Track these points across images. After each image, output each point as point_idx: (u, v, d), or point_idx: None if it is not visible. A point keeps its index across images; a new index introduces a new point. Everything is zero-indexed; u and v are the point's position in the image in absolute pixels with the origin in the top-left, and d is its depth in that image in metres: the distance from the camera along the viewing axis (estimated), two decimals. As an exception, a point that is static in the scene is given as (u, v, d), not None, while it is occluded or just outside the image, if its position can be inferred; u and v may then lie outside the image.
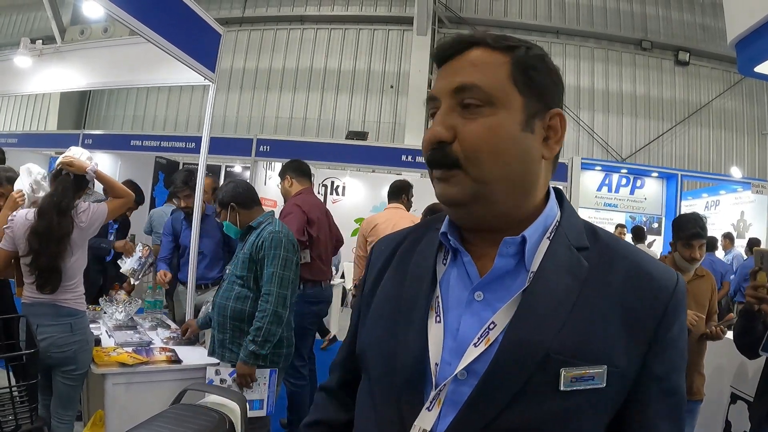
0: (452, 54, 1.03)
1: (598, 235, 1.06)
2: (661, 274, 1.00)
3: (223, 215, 3.66)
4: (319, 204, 4.85)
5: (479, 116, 0.97)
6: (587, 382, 0.90)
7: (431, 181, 1.04)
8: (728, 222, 11.17)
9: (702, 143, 14.54)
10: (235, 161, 11.82)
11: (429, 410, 0.94)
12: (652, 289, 0.97)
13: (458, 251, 1.04)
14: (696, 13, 14.67)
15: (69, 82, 5.77)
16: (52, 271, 3.21)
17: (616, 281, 0.97)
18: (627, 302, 0.95)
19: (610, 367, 0.91)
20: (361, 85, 15.08)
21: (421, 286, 1.04)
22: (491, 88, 0.97)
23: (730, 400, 3.80)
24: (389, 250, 1.19)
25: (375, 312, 1.11)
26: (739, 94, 14.63)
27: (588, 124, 14.25)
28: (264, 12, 15.85)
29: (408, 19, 14.54)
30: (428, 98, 1.05)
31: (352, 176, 10.75)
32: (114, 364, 3.26)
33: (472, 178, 0.97)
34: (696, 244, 3.48)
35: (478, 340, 0.94)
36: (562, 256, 0.99)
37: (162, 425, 2.09)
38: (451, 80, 1.00)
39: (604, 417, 0.95)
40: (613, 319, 0.94)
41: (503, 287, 0.98)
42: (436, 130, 0.98)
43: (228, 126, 15.04)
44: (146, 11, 3.55)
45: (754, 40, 2.94)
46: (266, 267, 3.41)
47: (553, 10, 14.75)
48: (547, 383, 0.89)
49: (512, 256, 0.99)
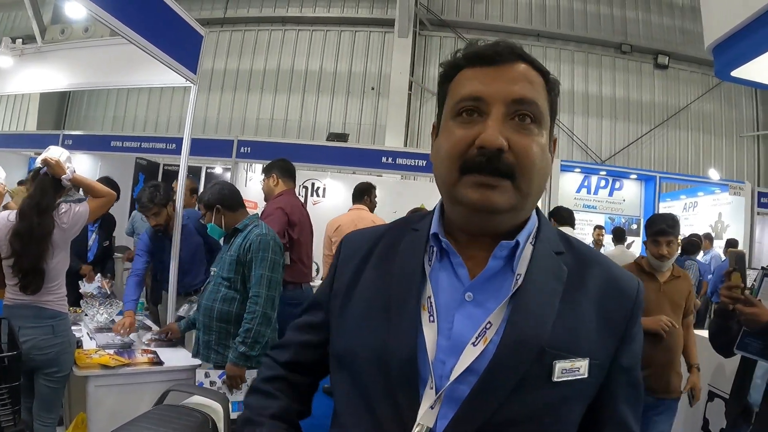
0: (499, 60, 1.05)
1: (571, 242, 1.16)
2: (628, 278, 1.13)
3: (209, 217, 3.66)
4: (300, 206, 4.85)
5: (532, 133, 1.02)
6: (574, 373, 0.99)
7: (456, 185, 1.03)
8: (706, 223, 11.28)
9: (680, 146, 14.68)
10: (215, 162, 11.76)
11: (432, 408, 0.97)
12: (622, 291, 1.10)
13: (447, 252, 1.07)
14: (675, 17, 14.80)
15: (50, 83, 5.74)
16: (35, 272, 3.20)
17: (594, 284, 1.08)
18: (603, 302, 1.07)
19: (591, 360, 1.02)
20: (342, 87, 15.05)
21: (410, 285, 1.06)
22: (543, 108, 1.05)
23: (708, 397, 3.86)
24: (365, 248, 1.21)
25: (358, 311, 1.12)
26: (718, 98, 14.79)
27: (568, 127, 14.34)
28: (246, 13, 15.78)
29: (389, 22, 14.55)
30: (471, 97, 1.03)
31: (332, 177, 10.72)
32: (96, 366, 3.25)
33: (519, 190, 1.01)
34: (662, 241, 3.48)
35: (476, 339, 0.99)
36: (545, 260, 1.07)
37: (145, 426, 2.09)
38: (509, 89, 1.02)
39: (585, 404, 1.05)
40: (592, 317, 1.05)
41: (493, 288, 1.04)
42: (497, 136, 0.98)
43: (209, 127, 14.97)
44: (127, 11, 3.54)
45: (731, 45, 2.97)
46: (254, 269, 3.43)
47: (534, 13, 14.81)
48: (542, 375, 0.98)
49: (502, 258, 1.05)
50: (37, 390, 3.30)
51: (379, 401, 1.01)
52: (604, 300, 1.07)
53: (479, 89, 1.03)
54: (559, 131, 14.30)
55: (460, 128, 1.03)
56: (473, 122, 1.02)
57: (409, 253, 1.12)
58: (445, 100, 1.12)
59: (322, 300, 1.25)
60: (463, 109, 1.04)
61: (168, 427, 2.07)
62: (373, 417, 1.02)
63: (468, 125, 1.02)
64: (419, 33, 14.69)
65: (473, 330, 1.00)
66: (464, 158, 1.01)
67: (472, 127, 1.02)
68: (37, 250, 3.20)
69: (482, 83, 1.03)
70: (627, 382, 1.10)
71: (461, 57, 1.10)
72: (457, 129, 1.04)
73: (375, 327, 1.06)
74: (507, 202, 1.01)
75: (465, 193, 1.01)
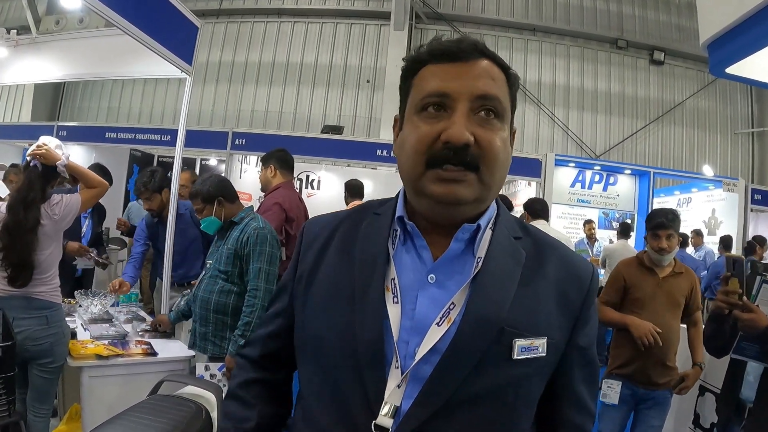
0: (463, 57, 1.08)
1: (527, 228, 1.21)
2: (583, 263, 1.19)
3: (208, 210, 3.62)
4: (298, 200, 4.83)
5: (495, 128, 1.06)
6: (533, 351, 1.05)
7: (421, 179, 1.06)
8: (700, 219, 11.32)
9: (675, 141, 14.73)
10: (210, 154, 11.74)
11: (399, 387, 1.00)
12: (578, 275, 1.16)
13: (410, 235, 1.11)
14: (672, 14, 14.83)
15: (45, 74, 5.73)
16: (23, 266, 3.19)
17: (551, 268, 1.13)
18: (560, 285, 1.12)
19: (549, 339, 1.07)
20: (337, 80, 15.03)
21: (374, 267, 1.09)
22: (505, 103, 1.09)
23: (699, 392, 3.89)
24: (326, 232, 1.23)
25: (322, 295, 1.14)
26: (713, 94, 14.83)
27: (563, 121, 14.37)
28: (241, 4, 15.73)
29: (385, 14, 14.54)
30: (436, 92, 1.06)
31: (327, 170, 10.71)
32: (90, 357, 3.25)
33: (482, 182, 1.06)
34: (662, 234, 3.46)
35: (440, 319, 1.03)
36: (504, 243, 1.12)
37: (139, 416, 2.10)
38: (473, 85, 1.05)
39: (544, 381, 1.11)
40: (550, 299, 1.10)
41: (455, 270, 1.08)
42: (464, 132, 1.02)
43: (203, 119, 14.94)
44: (123, 3, 3.52)
45: (726, 42, 2.99)
46: (252, 263, 3.43)
47: (530, 7, 14.81)
48: (502, 354, 1.02)
49: (464, 241, 1.10)
50: (31, 381, 3.29)
51: (346, 382, 1.03)
52: (561, 283, 1.12)
53: (444, 85, 1.05)
54: (554, 126, 14.34)
55: (426, 123, 1.06)
56: (438, 117, 1.05)
57: (372, 236, 1.15)
58: (408, 94, 1.14)
59: (287, 286, 1.27)
60: (429, 105, 1.06)
61: (162, 417, 2.08)
62: (340, 398, 1.04)
63: (433, 120, 1.05)
64: (415, 26, 14.68)
65: (436, 311, 1.04)
66: (430, 152, 1.04)
67: (437, 122, 1.05)
68: (24, 244, 3.19)
69: (447, 79, 1.06)
70: (582, 361, 1.15)
71: (425, 52, 1.12)
72: (423, 124, 1.06)
73: (340, 309, 1.09)
74: (471, 195, 1.05)
75: (430, 186, 1.04)
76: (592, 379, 1.19)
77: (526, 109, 14.39)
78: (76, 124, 12.30)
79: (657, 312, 3.46)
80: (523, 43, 14.80)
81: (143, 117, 15.91)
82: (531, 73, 14.60)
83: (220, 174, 6.00)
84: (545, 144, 14.20)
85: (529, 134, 14.42)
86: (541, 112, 14.43)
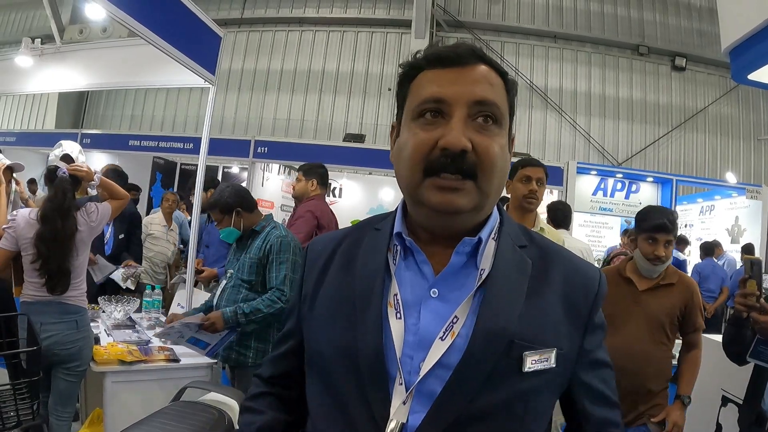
0: (460, 62, 1.07)
1: (532, 235, 1.20)
2: (590, 269, 1.18)
3: (226, 221, 3.64)
4: (329, 212, 4.98)
5: (493, 134, 1.05)
6: (543, 363, 1.03)
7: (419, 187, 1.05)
8: (723, 227, 11.22)
9: (698, 148, 14.58)
10: (232, 162, 11.83)
11: (404, 404, 1.00)
12: (585, 283, 1.14)
13: (411, 250, 1.10)
14: (693, 19, 14.71)
15: (69, 83, 5.82)
16: (63, 273, 3.29)
17: (557, 276, 1.12)
18: (567, 294, 1.11)
19: (558, 350, 1.06)
20: (358, 88, 15.07)
21: (374, 283, 1.09)
22: (503, 109, 1.08)
23: (722, 402, 3.84)
24: (328, 251, 1.23)
25: (324, 312, 1.15)
26: (735, 100, 14.67)
27: (584, 129, 14.29)
28: (263, 13, 15.83)
29: (406, 23, 14.52)
30: (433, 98, 1.04)
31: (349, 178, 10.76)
32: (114, 362, 3.29)
33: (480, 190, 1.04)
34: (661, 239, 2.98)
35: (444, 333, 1.02)
36: (509, 254, 1.10)
37: (162, 422, 2.12)
38: (470, 90, 1.04)
39: (555, 393, 1.11)
40: (557, 309, 1.09)
41: (457, 284, 1.07)
42: (462, 138, 1.01)
43: (226, 127, 15.02)
44: (146, 13, 3.58)
45: (747, 48, 2.98)
46: (277, 270, 3.46)
47: (551, 14, 14.77)
48: (512, 367, 1.01)
49: (465, 254, 1.08)
50: (55, 385, 3.35)
51: (351, 399, 1.03)
52: (568, 291, 1.11)
53: (441, 91, 1.04)
54: (576, 133, 14.28)
55: (423, 130, 1.05)
56: (435, 124, 1.04)
57: (372, 252, 1.14)
58: (405, 101, 1.13)
59: (294, 306, 1.29)
60: (426, 111, 1.05)
61: (184, 423, 2.10)
62: (346, 416, 1.04)
63: (430, 127, 1.04)
64: (436, 34, 14.64)
65: (439, 325, 1.03)
66: (428, 160, 1.03)
67: (434, 128, 1.04)
68: (62, 252, 3.28)
69: (444, 85, 1.05)
70: (596, 365, 1.15)
71: (422, 58, 1.11)
72: (420, 131, 1.05)
73: (341, 326, 1.09)
74: (470, 203, 1.04)
75: (428, 195, 1.04)
76: (609, 378, 1.18)
77: (547, 117, 14.37)
78: (99, 131, 12.45)
79: (632, 334, 2.99)
80: (544, 51, 14.75)
81: (166, 125, 16.05)
82: (552, 81, 14.56)
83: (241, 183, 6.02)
84: (567, 152, 14.13)
85: (550, 142, 14.38)
86: (563, 120, 14.36)
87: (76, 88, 6.61)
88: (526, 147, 13.51)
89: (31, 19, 16.39)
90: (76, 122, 16.44)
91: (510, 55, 14.64)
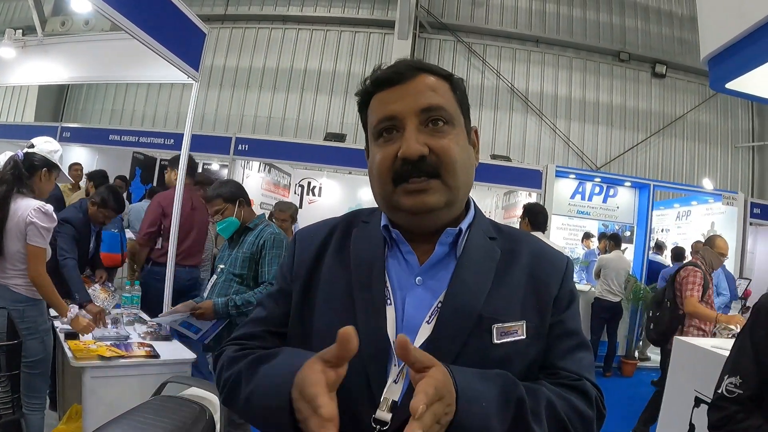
0: (401, 80, 1.17)
1: (501, 228, 1.32)
2: (557, 252, 1.30)
3: (229, 211, 3.71)
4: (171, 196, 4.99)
5: (447, 134, 1.15)
6: (513, 335, 1.14)
7: (393, 196, 1.15)
8: (698, 232, 11.34)
9: (675, 154, 14.74)
10: (212, 159, 11.78)
11: (396, 383, 1.06)
12: (552, 262, 1.26)
13: (396, 242, 1.21)
14: (674, 27, 14.88)
15: (51, 75, 5.76)
16: None
17: (525, 258, 1.23)
18: (535, 273, 1.22)
19: (527, 323, 1.16)
20: (340, 87, 15.02)
21: (371, 271, 1.18)
22: (452, 109, 1.18)
23: (694, 403, 3.90)
24: (321, 236, 1.32)
25: (323, 296, 1.21)
26: (714, 108, 14.85)
27: (564, 133, 14.39)
28: (247, 10, 15.75)
29: (390, 23, 14.56)
30: (385, 117, 1.16)
31: (329, 177, 10.76)
32: (93, 357, 3.27)
33: (448, 185, 1.15)
34: None
35: (430, 317, 1.11)
36: (480, 242, 1.22)
37: (143, 417, 2.13)
38: (414, 101, 1.15)
39: (525, 362, 1.17)
40: (526, 286, 1.20)
41: (440, 272, 1.18)
42: (416, 146, 1.12)
43: (207, 123, 14.92)
44: (131, 6, 3.55)
45: (726, 57, 3.03)
46: (269, 264, 3.58)
47: (534, 19, 14.86)
48: (484, 339, 1.12)
49: (447, 245, 1.20)
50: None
51: (350, 375, 1.04)
52: (535, 270, 1.22)
53: (390, 109, 1.16)
54: (556, 137, 14.37)
55: (383, 148, 1.17)
56: (393, 139, 1.16)
57: (366, 242, 1.24)
58: (367, 125, 1.26)
59: (283, 285, 1.31)
60: (383, 130, 1.18)
61: (166, 418, 2.11)
62: (345, 391, 1.05)
63: (389, 143, 1.17)
64: (419, 35, 14.70)
65: (424, 310, 1.13)
66: (393, 170, 1.15)
67: (393, 143, 1.16)
68: None
69: (391, 103, 1.17)
70: (567, 334, 1.23)
71: (369, 84, 1.23)
72: (381, 150, 1.18)
73: (342, 311, 1.16)
74: (440, 200, 1.15)
75: (402, 201, 1.15)
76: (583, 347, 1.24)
77: (528, 120, 14.45)
78: (79, 125, 12.31)
79: None
80: (526, 54, 14.83)
81: (147, 120, 15.91)
82: (533, 85, 14.64)
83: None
84: (546, 155, 14.22)
85: (530, 145, 14.45)
86: (543, 124, 14.45)
87: (57, 81, 6.54)
88: (506, 150, 13.57)
89: (12, 10, 16.15)
90: (56, 115, 16.22)
91: (492, 58, 14.72)
